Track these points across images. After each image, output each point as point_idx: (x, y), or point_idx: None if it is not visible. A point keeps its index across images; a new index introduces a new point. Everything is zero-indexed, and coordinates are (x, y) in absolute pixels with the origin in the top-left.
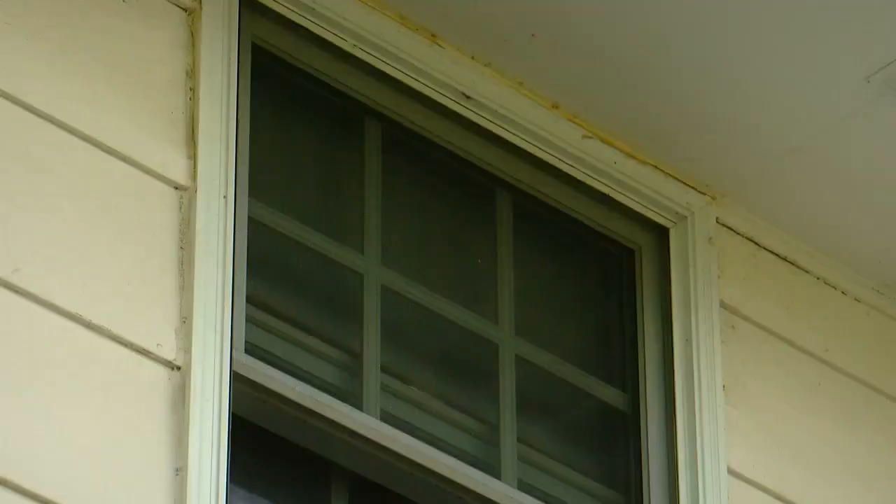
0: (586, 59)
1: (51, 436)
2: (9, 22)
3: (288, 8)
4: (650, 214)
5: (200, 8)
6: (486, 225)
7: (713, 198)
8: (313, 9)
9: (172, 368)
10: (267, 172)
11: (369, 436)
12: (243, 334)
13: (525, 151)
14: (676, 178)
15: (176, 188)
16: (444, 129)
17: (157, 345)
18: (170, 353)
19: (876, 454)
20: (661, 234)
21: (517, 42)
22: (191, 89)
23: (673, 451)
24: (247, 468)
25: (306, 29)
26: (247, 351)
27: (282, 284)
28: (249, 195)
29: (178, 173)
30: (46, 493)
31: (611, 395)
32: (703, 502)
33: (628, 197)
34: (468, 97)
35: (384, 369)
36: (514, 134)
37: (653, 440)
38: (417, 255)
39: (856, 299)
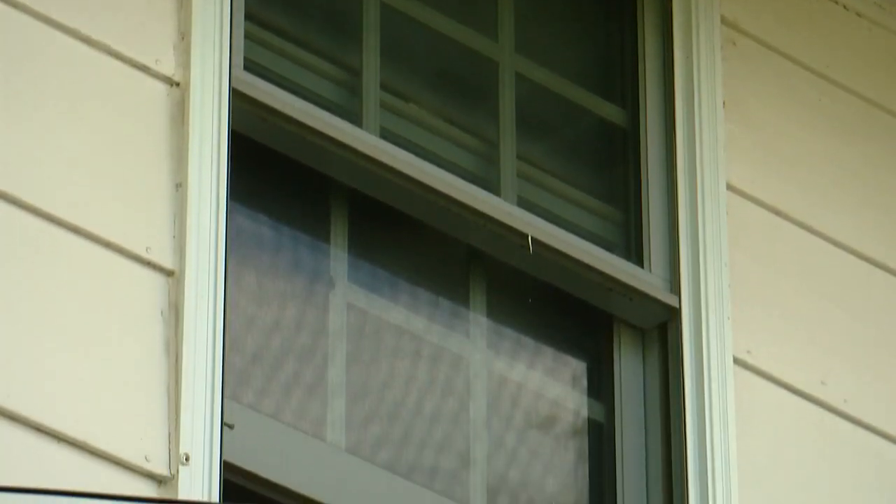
0: None
1: (50, 150)
2: None
3: None
4: None
5: None
6: None
7: None
8: None
9: (171, 84)
10: None
11: (368, 152)
12: (242, 51)
13: None
14: None
15: None
16: None
17: (156, 60)
18: (168, 68)
19: (874, 169)
20: None
21: None
22: None
23: (672, 167)
24: (246, 184)
25: None
26: (246, 68)
27: (281, 1)
28: None
29: None
30: (45, 206)
31: (610, 111)
32: (701, 218)
33: None
34: None
35: (384, 87)
36: None
37: (652, 156)
38: None
39: (857, 14)
